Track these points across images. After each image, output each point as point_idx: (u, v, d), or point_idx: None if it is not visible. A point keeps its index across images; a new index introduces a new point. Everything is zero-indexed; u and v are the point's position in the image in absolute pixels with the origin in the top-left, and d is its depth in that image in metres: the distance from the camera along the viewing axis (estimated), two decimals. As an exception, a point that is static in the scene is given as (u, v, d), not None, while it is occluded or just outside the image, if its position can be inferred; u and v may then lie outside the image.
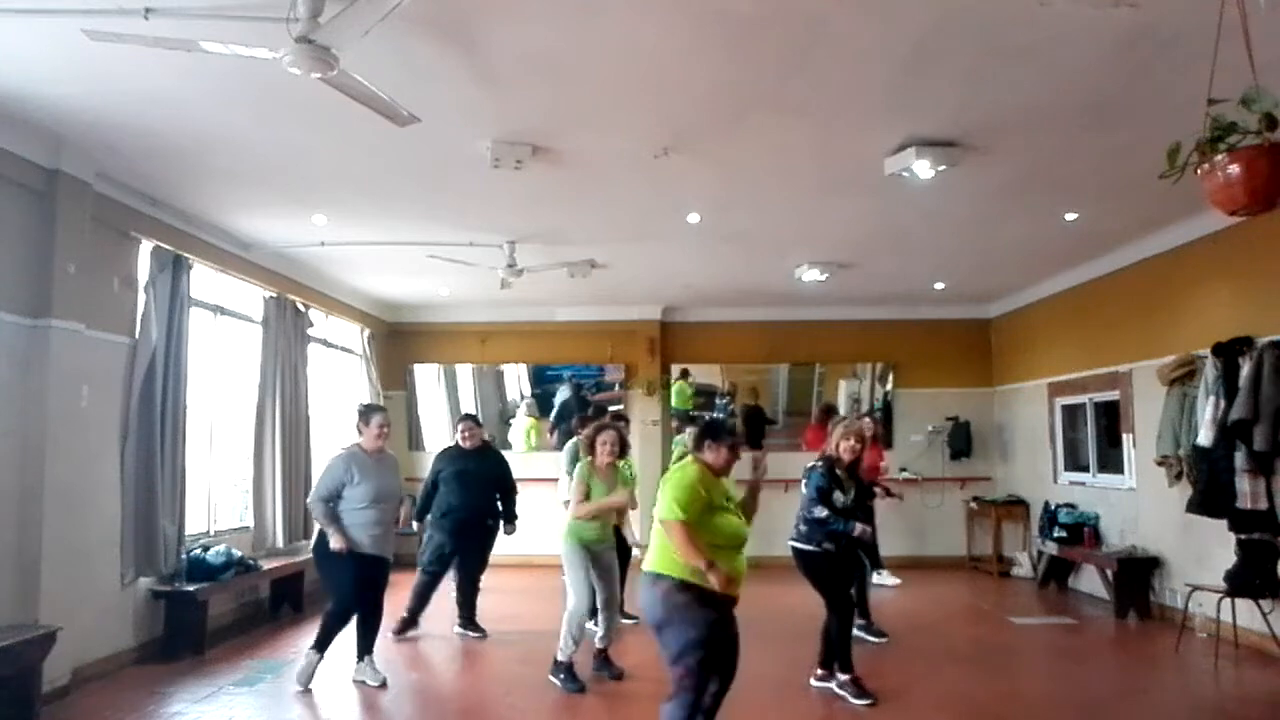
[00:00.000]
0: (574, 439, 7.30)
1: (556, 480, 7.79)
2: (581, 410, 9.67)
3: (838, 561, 5.03)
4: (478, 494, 6.59)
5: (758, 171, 5.50)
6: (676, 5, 3.44)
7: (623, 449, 5.46)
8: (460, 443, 6.69)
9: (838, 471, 5.08)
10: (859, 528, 4.95)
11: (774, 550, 6.18)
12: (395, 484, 5.43)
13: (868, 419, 7.86)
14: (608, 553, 5.37)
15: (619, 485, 5.32)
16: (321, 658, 5.14)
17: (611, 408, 9.74)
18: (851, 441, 5.11)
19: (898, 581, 8.70)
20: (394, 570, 5.55)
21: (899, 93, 4.26)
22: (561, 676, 5.11)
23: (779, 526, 5.83)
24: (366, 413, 5.37)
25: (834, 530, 4.93)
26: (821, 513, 4.93)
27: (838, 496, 5.00)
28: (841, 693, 4.89)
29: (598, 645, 5.36)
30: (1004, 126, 4.69)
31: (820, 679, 5.06)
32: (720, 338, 10.64)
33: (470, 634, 6.55)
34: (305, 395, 7.90)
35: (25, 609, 4.62)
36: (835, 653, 4.97)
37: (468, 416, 7.01)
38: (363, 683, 5.19)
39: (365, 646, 5.28)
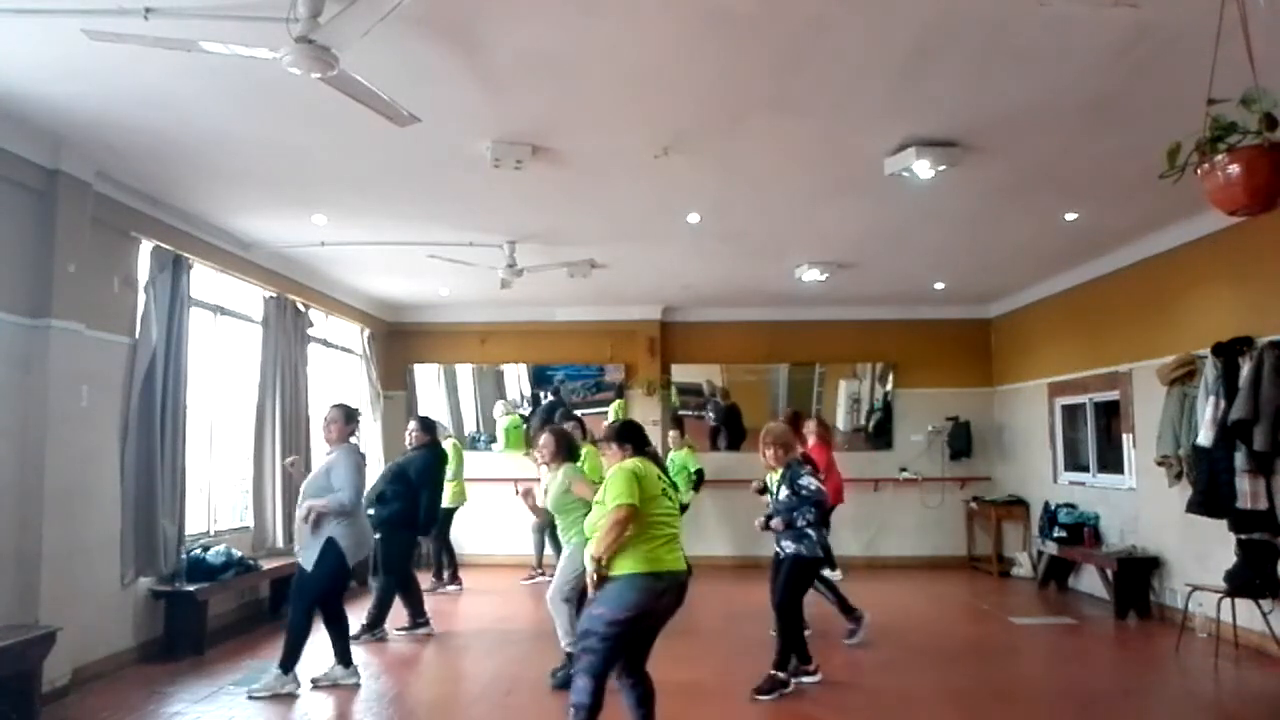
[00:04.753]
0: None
1: (538, 480, 7.81)
2: (548, 414, 9.59)
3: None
4: None
5: (758, 171, 5.50)
6: (676, 5, 3.44)
7: (567, 451, 5.28)
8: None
9: (772, 475, 5.34)
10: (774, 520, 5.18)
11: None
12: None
13: (809, 423, 7.92)
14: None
15: (550, 491, 5.19)
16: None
17: (583, 411, 9.60)
18: (772, 450, 5.18)
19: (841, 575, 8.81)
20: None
21: (899, 93, 4.26)
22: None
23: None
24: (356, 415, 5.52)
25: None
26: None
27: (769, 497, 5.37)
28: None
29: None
30: (1004, 126, 4.69)
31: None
32: (720, 338, 10.63)
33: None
34: (305, 395, 7.89)
35: (25, 609, 4.62)
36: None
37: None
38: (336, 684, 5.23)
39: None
